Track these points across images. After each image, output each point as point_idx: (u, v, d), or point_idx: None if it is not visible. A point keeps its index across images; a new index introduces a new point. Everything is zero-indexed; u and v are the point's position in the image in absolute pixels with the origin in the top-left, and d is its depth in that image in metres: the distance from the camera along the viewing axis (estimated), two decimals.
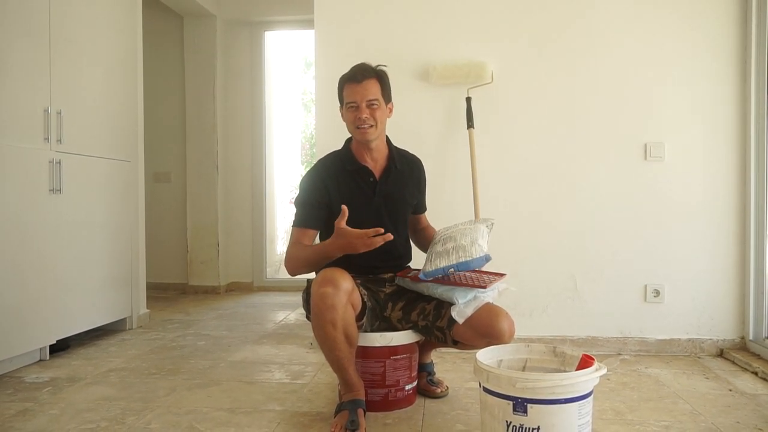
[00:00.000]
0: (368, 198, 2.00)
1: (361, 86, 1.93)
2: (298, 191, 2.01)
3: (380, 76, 1.98)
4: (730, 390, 2.19)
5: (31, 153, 2.50)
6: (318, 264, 1.91)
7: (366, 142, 1.98)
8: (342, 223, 1.77)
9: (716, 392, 2.17)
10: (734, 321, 2.68)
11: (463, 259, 1.83)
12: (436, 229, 2.12)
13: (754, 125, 2.61)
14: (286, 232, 5.39)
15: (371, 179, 2.01)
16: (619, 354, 2.70)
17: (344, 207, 1.79)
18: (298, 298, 3.00)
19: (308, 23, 4.07)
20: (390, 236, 1.75)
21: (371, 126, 1.94)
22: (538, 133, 2.76)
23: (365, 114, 1.92)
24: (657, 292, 2.70)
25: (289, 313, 3.76)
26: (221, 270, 4.64)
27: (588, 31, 2.73)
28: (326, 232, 1.98)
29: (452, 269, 1.83)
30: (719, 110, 2.68)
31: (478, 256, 1.84)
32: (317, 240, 2.02)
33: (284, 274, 5.04)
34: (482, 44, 2.76)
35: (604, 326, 2.73)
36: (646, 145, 2.70)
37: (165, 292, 4.59)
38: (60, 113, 2.64)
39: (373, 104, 1.94)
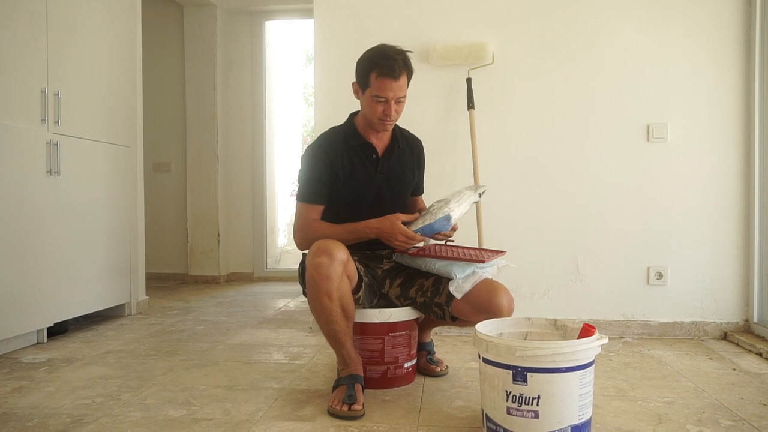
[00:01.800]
0: (370, 174, 1.97)
1: (397, 83, 1.82)
2: (301, 165, 1.97)
3: (410, 70, 1.88)
4: (734, 369, 2.16)
5: (27, 133, 2.48)
6: (349, 241, 1.85)
7: (383, 132, 1.96)
8: (401, 217, 1.82)
9: (720, 371, 2.14)
10: (738, 303, 2.65)
11: (429, 222, 1.80)
12: None
13: (758, 105, 2.58)
14: (288, 225, 5.36)
15: (374, 156, 1.98)
16: (622, 337, 2.67)
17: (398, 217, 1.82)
18: (298, 287, 2.97)
19: (309, 12, 4.05)
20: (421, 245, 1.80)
21: (394, 120, 1.91)
22: (539, 115, 2.73)
23: (393, 111, 1.86)
24: (660, 275, 2.67)
25: (289, 300, 3.74)
26: (221, 260, 4.62)
27: (590, 13, 2.70)
28: (328, 208, 1.96)
29: (419, 232, 1.81)
30: (722, 90, 2.64)
31: (438, 217, 1.79)
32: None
33: (285, 264, 5.10)
34: (483, 25, 2.74)
35: (607, 309, 2.70)
36: (648, 126, 2.67)
37: (165, 282, 4.58)
38: (57, 95, 2.62)
39: (400, 100, 1.87)
